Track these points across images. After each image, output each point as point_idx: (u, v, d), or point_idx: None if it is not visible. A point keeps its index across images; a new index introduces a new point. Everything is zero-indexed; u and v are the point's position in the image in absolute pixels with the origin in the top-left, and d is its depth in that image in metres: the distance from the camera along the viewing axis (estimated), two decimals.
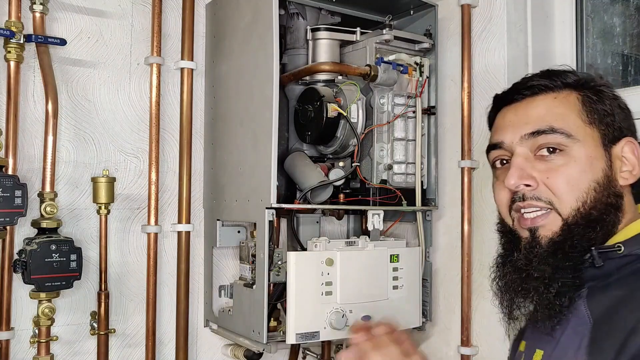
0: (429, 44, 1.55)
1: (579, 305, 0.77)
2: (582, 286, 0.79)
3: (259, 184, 1.35)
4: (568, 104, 0.82)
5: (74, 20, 1.46)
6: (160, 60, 1.53)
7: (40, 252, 1.28)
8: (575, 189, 0.79)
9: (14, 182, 1.24)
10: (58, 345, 1.41)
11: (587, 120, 0.81)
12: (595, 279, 0.77)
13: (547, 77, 0.85)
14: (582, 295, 0.78)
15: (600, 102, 0.82)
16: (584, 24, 1.55)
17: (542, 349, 0.80)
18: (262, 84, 1.35)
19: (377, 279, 1.41)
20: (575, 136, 0.80)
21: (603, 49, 1.54)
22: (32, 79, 1.40)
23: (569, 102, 0.82)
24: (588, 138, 0.80)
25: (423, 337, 1.65)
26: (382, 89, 1.46)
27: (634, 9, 1.49)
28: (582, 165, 0.79)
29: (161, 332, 1.55)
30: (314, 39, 1.51)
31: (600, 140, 0.81)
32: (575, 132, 0.80)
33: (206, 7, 1.64)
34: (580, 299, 0.77)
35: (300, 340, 1.30)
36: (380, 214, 1.45)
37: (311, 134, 1.48)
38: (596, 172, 0.79)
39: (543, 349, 0.80)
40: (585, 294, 0.78)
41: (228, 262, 1.64)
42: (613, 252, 0.76)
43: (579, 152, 0.80)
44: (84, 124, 1.47)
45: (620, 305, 0.73)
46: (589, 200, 0.79)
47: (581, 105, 0.82)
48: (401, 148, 1.49)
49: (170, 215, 1.57)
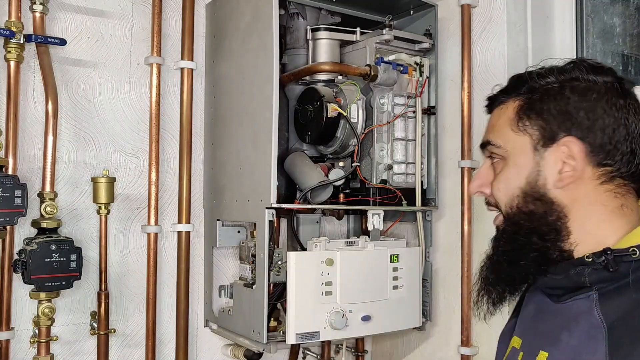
0: (429, 44, 1.55)
1: (591, 308, 0.75)
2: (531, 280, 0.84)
3: (259, 184, 1.35)
4: (504, 115, 0.86)
5: (74, 20, 1.46)
6: (160, 60, 1.53)
7: (40, 252, 1.28)
8: (505, 195, 0.85)
9: (14, 182, 1.24)
10: (58, 345, 1.41)
11: (517, 128, 0.83)
12: (605, 282, 0.76)
13: (504, 90, 0.89)
14: (592, 299, 0.76)
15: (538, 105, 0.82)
16: (584, 24, 1.55)
17: (547, 351, 0.79)
18: (262, 84, 1.35)
19: (377, 279, 1.41)
20: (503, 146, 0.85)
21: (603, 49, 1.53)
22: (32, 79, 1.40)
23: (506, 112, 0.86)
24: (516, 146, 0.84)
25: (423, 337, 1.65)
26: (382, 89, 1.46)
27: (634, 9, 1.49)
28: (510, 172, 0.85)
29: (161, 332, 1.55)
30: (314, 39, 1.51)
31: (531, 146, 0.82)
32: (503, 142, 0.85)
33: (206, 7, 1.64)
34: (590, 301, 0.76)
35: (300, 340, 1.30)
36: (380, 214, 1.45)
37: (311, 134, 1.48)
38: (520, 179, 0.83)
39: (548, 351, 0.79)
40: (596, 297, 0.76)
41: (228, 262, 1.64)
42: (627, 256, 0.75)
43: (509, 161, 0.85)
44: (84, 124, 1.47)
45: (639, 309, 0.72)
46: (515, 207, 0.84)
47: (514, 114, 0.84)
48: (401, 148, 1.49)
49: (170, 215, 1.57)
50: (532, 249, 0.82)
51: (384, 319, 1.41)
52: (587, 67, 0.82)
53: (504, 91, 0.89)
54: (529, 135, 0.82)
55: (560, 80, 0.82)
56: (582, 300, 0.77)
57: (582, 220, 0.80)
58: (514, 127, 0.84)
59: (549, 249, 0.81)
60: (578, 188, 0.80)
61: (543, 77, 0.84)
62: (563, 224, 0.80)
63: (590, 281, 0.77)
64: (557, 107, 0.81)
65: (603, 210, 0.80)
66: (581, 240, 0.80)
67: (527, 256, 0.82)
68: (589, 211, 0.80)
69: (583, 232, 0.80)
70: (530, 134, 0.82)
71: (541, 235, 0.81)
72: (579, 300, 0.78)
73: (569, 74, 0.82)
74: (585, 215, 0.80)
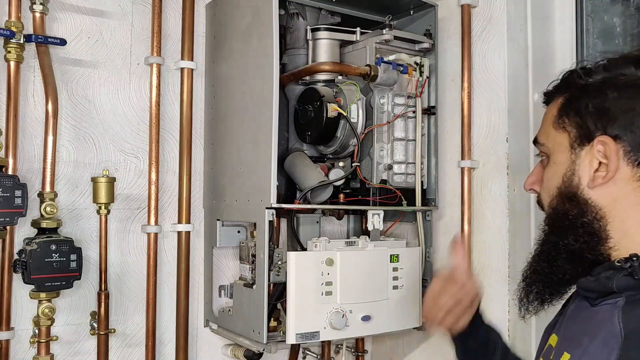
0: (429, 44, 1.55)
1: (613, 315, 0.73)
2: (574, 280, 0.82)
3: (259, 184, 1.35)
4: (549, 113, 0.86)
5: (74, 20, 1.46)
6: (160, 60, 1.53)
7: (40, 252, 1.28)
8: (547, 194, 0.85)
9: (14, 182, 1.24)
10: (58, 345, 1.41)
11: (557, 126, 0.83)
12: (633, 289, 0.74)
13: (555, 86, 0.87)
14: (618, 305, 0.74)
15: (577, 103, 0.81)
16: (584, 24, 1.55)
17: (569, 353, 0.77)
18: (262, 84, 1.35)
19: (377, 279, 1.41)
20: (546, 144, 0.86)
21: (603, 49, 1.53)
22: (32, 79, 1.40)
23: (550, 110, 0.86)
24: (556, 145, 0.83)
25: (423, 337, 1.65)
26: (382, 89, 1.46)
27: (634, 9, 1.49)
28: (550, 171, 0.84)
29: (161, 332, 1.55)
30: (314, 39, 1.51)
31: (568, 144, 0.81)
32: (546, 141, 0.86)
33: (206, 7, 1.64)
34: (615, 308, 0.74)
35: (300, 340, 1.30)
36: (380, 214, 1.45)
37: (311, 134, 1.48)
38: (557, 178, 0.82)
39: (571, 353, 0.77)
40: (622, 303, 0.74)
41: (228, 262, 1.64)
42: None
43: (551, 159, 0.85)
44: (84, 124, 1.47)
45: None
46: (552, 206, 0.84)
47: (556, 111, 0.84)
48: (401, 148, 1.49)
49: (170, 215, 1.57)
50: (566, 249, 0.80)
51: (384, 319, 1.41)
52: (635, 60, 0.79)
53: (556, 86, 0.87)
54: (567, 133, 0.81)
55: (604, 76, 0.80)
56: (609, 305, 0.75)
57: (622, 222, 0.77)
58: (555, 124, 0.83)
59: (584, 251, 0.79)
60: (617, 189, 0.77)
61: (588, 74, 0.82)
62: (600, 226, 0.78)
63: (618, 287, 0.74)
64: (594, 104, 0.78)
65: None
66: (621, 243, 0.77)
67: (561, 257, 0.81)
68: (629, 214, 0.77)
69: (623, 235, 0.77)
70: (569, 132, 0.81)
71: (576, 236, 0.79)
72: (606, 305, 0.76)
73: (615, 69, 0.80)
74: (626, 218, 0.77)
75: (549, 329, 0.92)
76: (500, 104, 1.51)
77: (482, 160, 1.55)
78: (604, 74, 0.81)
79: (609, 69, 0.80)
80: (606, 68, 0.81)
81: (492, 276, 1.50)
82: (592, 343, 0.74)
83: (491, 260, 1.51)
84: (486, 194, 1.53)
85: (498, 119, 1.51)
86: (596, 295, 0.78)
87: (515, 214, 1.49)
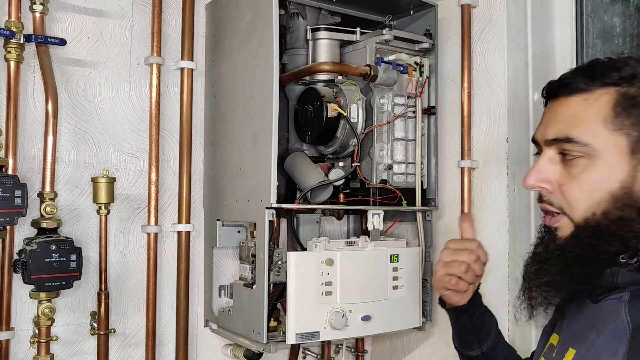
0: (429, 44, 1.55)
1: (620, 309, 0.73)
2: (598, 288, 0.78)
3: (259, 184, 1.35)
4: (595, 108, 0.77)
5: (74, 20, 1.46)
6: (160, 60, 1.53)
7: (40, 252, 1.28)
8: (587, 199, 0.78)
9: (14, 182, 1.24)
10: (58, 345, 1.41)
11: (612, 126, 0.76)
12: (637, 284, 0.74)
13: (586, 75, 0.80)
14: (623, 299, 0.74)
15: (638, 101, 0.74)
16: (584, 24, 1.55)
17: (575, 348, 0.78)
18: (262, 84, 1.35)
19: (377, 279, 1.41)
20: (592, 144, 0.77)
21: (603, 49, 1.53)
22: (32, 79, 1.40)
23: (597, 106, 0.77)
24: (609, 146, 0.76)
25: (423, 337, 1.65)
26: (382, 89, 1.46)
27: (634, 9, 1.49)
28: (598, 174, 0.77)
29: (161, 332, 1.55)
30: (314, 39, 1.51)
31: (627, 148, 0.75)
32: (592, 141, 0.77)
33: (206, 7, 1.64)
34: (621, 302, 0.74)
35: (300, 340, 1.30)
36: (380, 214, 1.45)
37: (311, 134, 1.48)
38: (612, 183, 0.76)
39: (576, 349, 0.77)
40: (628, 297, 0.74)
41: (228, 262, 1.64)
42: None
43: (597, 161, 0.77)
44: (84, 124, 1.47)
45: None
46: (599, 211, 0.77)
47: (610, 109, 0.76)
48: (401, 148, 1.49)
49: (170, 215, 1.57)
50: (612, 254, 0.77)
51: (384, 319, 1.41)
52: None
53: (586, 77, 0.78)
54: (626, 135, 0.75)
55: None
56: (614, 300, 0.75)
57: None
58: (609, 124, 0.76)
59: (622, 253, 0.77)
60: None
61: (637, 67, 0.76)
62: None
63: (623, 282, 0.75)
64: None
65: None
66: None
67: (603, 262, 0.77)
68: None
69: None
70: (628, 134, 0.75)
71: (624, 241, 0.76)
72: (611, 300, 0.76)
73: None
74: None
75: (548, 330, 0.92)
76: (500, 104, 1.51)
77: (482, 160, 1.55)
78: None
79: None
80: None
81: (492, 276, 1.50)
82: (599, 337, 0.74)
83: (491, 260, 1.51)
84: (486, 194, 1.53)
85: (498, 119, 1.51)
86: (600, 291, 0.78)
87: (515, 214, 1.49)
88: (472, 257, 1.03)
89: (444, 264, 1.05)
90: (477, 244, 1.06)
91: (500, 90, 1.51)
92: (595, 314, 0.78)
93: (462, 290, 1.04)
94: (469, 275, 1.03)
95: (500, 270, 1.48)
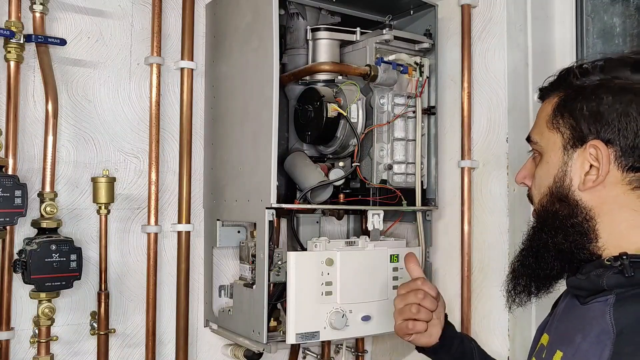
0: (429, 44, 1.55)
1: (605, 312, 0.75)
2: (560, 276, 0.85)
3: (259, 184, 1.35)
4: (544, 111, 0.86)
5: (74, 20, 1.46)
6: (160, 60, 1.53)
7: (40, 252, 1.28)
8: (537, 192, 0.87)
9: (14, 182, 1.24)
10: (58, 345, 1.41)
11: (551, 125, 0.84)
12: (623, 287, 0.75)
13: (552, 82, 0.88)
14: (608, 302, 0.75)
15: (572, 104, 0.81)
16: (584, 24, 1.55)
17: (562, 350, 0.79)
18: (262, 84, 1.35)
19: (377, 279, 1.41)
20: (539, 143, 0.86)
21: (603, 49, 1.53)
22: (32, 79, 1.40)
23: (545, 109, 0.86)
24: (550, 144, 0.84)
25: None
26: (382, 89, 1.46)
27: (634, 9, 1.49)
28: (542, 170, 0.85)
29: (161, 332, 1.55)
30: (314, 39, 1.51)
31: (561, 145, 0.82)
32: (539, 139, 0.86)
33: (206, 7, 1.64)
34: (606, 305, 0.75)
35: (300, 340, 1.30)
36: (380, 214, 1.45)
37: (311, 134, 1.48)
38: (549, 178, 0.83)
39: (563, 351, 0.79)
40: (613, 301, 0.75)
41: (228, 262, 1.64)
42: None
43: (543, 158, 0.86)
44: (84, 124, 1.47)
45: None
46: (542, 204, 0.85)
47: (552, 110, 0.84)
48: (401, 148, 1.49)
49: (170, 215, 1.57)
50: (555, 247, 0.82)
51: (384, 319, 1.41)
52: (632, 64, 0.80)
53: (552, 83, 0.88)
54: (561, 134, 0.82)
55: (601, 78, 0.81)
56: (600, 303, 0.76)
57: (612, 224, 0.79)
58: (549, 124, 0.84)
59: (573, 250, 0.81)
60: (606, 191, 0.79)
61: (584, 74, 0.82)
62: (590, 227, 0.80)
63: (608, 284, 0.76)
64: (589, 107, 0.79)
65: (634, 216, 0.78)
66: (610, 244, 0.79)
67: (550, 254, 0.83)
68: (618, 216, 0.79)
69: (612, 236, 0.79)
70: (562, 133, 0.82)
71: (565, 235, 0.81)
72: (597, 303, 0.77)
73: (611, 72, 0.80)
74: (615, 220, 0.79)
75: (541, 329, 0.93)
76: (500, 104, 1.51)
77: (482, 160, 1.55)
78: (600, 75, 0.81)
79: (605, 71, 0.81)
80: (602, 69, 0.81)
81: (492, 276, 1.50)
82: (584, 340, 0.75)
83: (491, 260, 1.51)
84: (486, 194, 1.53)
85: (498, 119, 1.51)
86: (586, 294, 0.79)
87: (515, 214, 1.49)
88: (419, 296, 1.06)
89: (398, 311, 1.08)
90: (421, 281, 1.08)
91: (500, 90, 1.51)
92: (582, 317, 0.79)
93: (421, 330, 1.07)
94: (423, 314, 1.06)
95: (500, 270, 1.48)
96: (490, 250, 1.52)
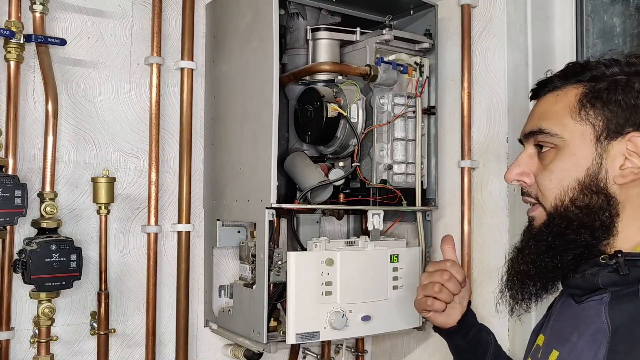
0: (429, 44, 1.55)
1: (600, 311, 0.74)
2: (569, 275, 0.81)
3: (259, 184, 1.35)
4: (564, 102, 0.82)
5: (74, 20, 1.46)
6: (160, 60, 1.53)
7: (40, 252, 1.28)
8: (558, 186, 0.81)
9: (14, 182, 1.24)
10: (58, 345, 1.41)
11: (578, 116, 0.80)
12: (618, 285, 0.74)
13: (561, 75, 0.85)
14: (604, 301, 0.75)
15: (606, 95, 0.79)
16: (584, 24, 1.55)
17: (558, 350, 0.79)
18: (262, 84, 1.35)
19: (377, 279, 1.41)
20: (560, 134, 0.81)
21: (603, 49, 1.53)
22: (32, 79, 1.40)
23: (566, 100, 0.82)
24: (576, 135, 0.80)
25: (423, 337, 1.65)
26: (382, 89, 1.46)
27: (634, 9, 1.49)
28: (566, 163, 0.81)
29: (161, 332, 1.55)
30: (314, 39, 1.51)
31: (593, 137, 0.79)
32: (560, 131, 0.81)
33: (206, 7, 1.64)
34: (602, 304, 0.75)
35: (300, 340, 1.30)
36: (380, 214, 1.45)
37: (311, 134, 1.48)
38: (579, 171, 0.79)
39: (559, 350, 0.78)
40: (608, 299, 0.75)
41: (228, 262, 1.64)
42: None
43: (565, 150, 0.81)
44: (84, 124, 1.47)
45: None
46: (567, 199, 0.80)
47: (577, 102, 0.81)
48: (401, 148, 1.49)
49: (170, 215, 1.57)
50: (581, 244, 0.79)
51: (384, 319, 1.41)
52: None
53: (560, 76, 0.85)
54: (592, 125, 0.79)
55: (627, 72, 0.79)
56: (595, 302, 0.76)
57: (630, 221, 0.78)
58: (575, 115, 0.81)
59: (594, 247, 0.79)
60: (635, 187, 0.78)
61: (608, 67, 0.81)
62: (614, 222, 0.78)
63: (603, 283, 0.75)
64: (625, 99, 0.78)
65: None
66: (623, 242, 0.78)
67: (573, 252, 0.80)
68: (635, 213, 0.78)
69: (627, 233, 0.78)
70: (593, 124, 0.79)
71: (592, 231, 0.79)
72: (592, 302, 0.77)
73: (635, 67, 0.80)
74: (633, 217, 0.78)
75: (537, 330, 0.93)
76: (500, 104, 1.51)
77: (482, 160, 1.55)
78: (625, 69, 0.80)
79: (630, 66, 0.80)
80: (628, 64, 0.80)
81: (492, 276, 1.50)
82: (580, 339, 0.75)
83: (491, 260, 1.51)
84: (486, 194, 1.53)
85: (498, 119, 1.51)
86: (582, 292, 0.79)
87: (515, 214, 1.49)
88: (444, 276, 1.05)
89: (422, 286, 1.08)
90: (450, 264, 1.07)
91: (500, 90, 1.51)
92: (577, 315, 0.79)
93: (439, 310, 1.06)
94: (444, 295, 1.05)
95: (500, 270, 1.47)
96: (490, 250, 1.52)
